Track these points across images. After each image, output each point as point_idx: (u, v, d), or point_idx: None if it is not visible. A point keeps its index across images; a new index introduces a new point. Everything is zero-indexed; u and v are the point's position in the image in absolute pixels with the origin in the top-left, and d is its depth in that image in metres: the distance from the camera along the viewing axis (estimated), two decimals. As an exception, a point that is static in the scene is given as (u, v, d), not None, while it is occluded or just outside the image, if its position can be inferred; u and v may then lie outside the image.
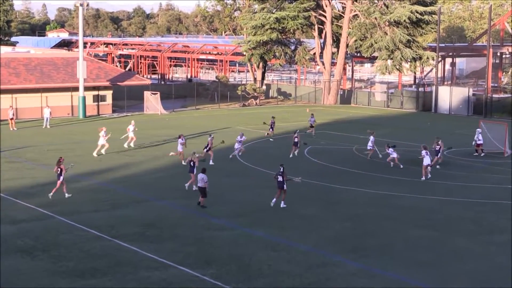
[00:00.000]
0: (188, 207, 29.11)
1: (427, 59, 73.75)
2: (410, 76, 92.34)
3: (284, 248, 23.77)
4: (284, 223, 26.88)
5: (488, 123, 47.20)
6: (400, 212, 28.84)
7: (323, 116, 62.35)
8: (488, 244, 24.50)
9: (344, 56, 77.21)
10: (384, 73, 75.01)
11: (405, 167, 38.51)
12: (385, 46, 71.56)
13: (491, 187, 34.14)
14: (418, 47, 73.38)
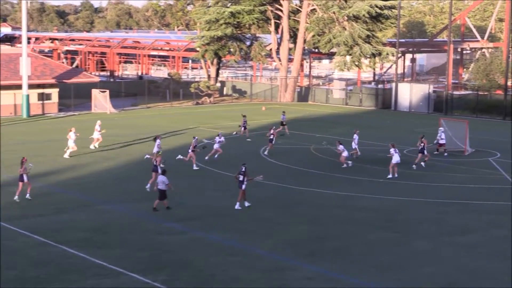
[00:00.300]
0: (139, 211, 28.85)
1: (386, 55, 74.43)
2: (370, 73, 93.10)
3: (240, 252, 23.69)
4: (240, 227, 26.80)
5: (448, 121, 47.77)
6: (360, 213, 28.98)
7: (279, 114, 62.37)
8: (450, 245, 24.75)
9: (301, 52, 77.47)
10: (343, 69, 75.46)
11: (364, 167, 38.75)
12: (344, 41, 71.98)
13: (453, 186, 34.54)
14: (377, 42, 73.99)
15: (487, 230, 26.77)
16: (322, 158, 41.14)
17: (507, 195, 32.62)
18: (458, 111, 65.84)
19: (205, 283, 20.81)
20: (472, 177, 36.73)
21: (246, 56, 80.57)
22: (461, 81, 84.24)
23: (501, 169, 38.66)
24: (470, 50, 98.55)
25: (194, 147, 37.77)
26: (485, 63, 72.53)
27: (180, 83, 77.87)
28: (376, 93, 72.63)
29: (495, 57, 73.37)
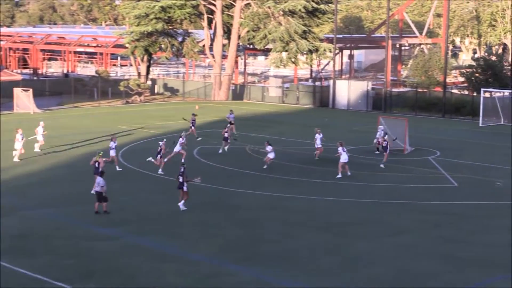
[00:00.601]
0: (67, 216, 28.50)
1: (324, 51, 75.10)
2: (306, 70, 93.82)
3: (173, 258, 23.62)
4: (174, 231, 26.72)
5: (387, 119, 48.47)
6: (297, 215, 29.18)
7: (213, 113, 62.51)
8: (390, 246, 25.14)
9: (235, 48, 77.55)
10: (279, 66, 75.84)
11: (301, 167, 39.04)
12: (280, 37, 72.35)
13: (392, 186, 35.07)
14: (314, 38, 74.60)
15: (427, 230, 27.28)
16: (258, 158, 41.29)
17: (447, 194, 33.31)
18: (397, 108, 66.89)
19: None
20: (412, 176, 37.36)
21: (178, 53, 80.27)
22: (400, 78, 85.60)
23: (441, 168, 39.43)
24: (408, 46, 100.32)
25: (160, 152, 37.27)
26: (424, 59, 73.86)
27: (108, 81, 77.09)
28: (314, 90, 73.22)
29: (434, 53, 74.77)
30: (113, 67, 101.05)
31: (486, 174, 38.14)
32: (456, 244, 25.47)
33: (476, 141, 49.72)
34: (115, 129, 52.27)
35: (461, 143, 48.90)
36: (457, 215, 29.58)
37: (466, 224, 28.19)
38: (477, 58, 74.01)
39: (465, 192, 33.86)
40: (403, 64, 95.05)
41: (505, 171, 38.87)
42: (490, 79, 65.71)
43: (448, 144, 47.45)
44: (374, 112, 65.73)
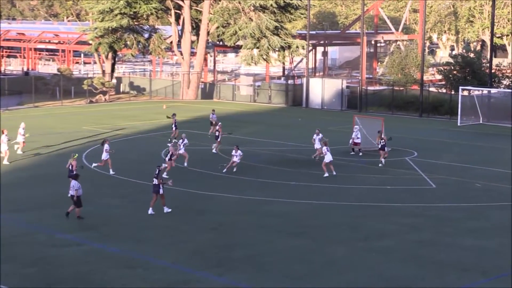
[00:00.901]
0: (29, 222, 28.27)
1: (296, 48, 75.27)
2: (279, 67, 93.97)
3: (141, 264, 23.53)
4: (141, 236, 26.62)
5: (363, 118, 48.70)
6: (271, 219, 29.21)
7: (182, 113, 62.32)
8: (366, 251, 25.24)
9: (205, 45, 77.46)
10: (250, 63, 75.89)
11: (274, 168, 39.08)
12: (251, 33, 72.39)
13: (368, 188, 35.22)
14: (286, 34, 74.74)
15: (404, 234, 27.42)
16: (229, 160, 41.23)
17: (425, 196, 33.53)
18: (373, 107, 67.23)
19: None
20: (389, 178, 37.54)
21: (145, 50, 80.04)
22: (376, 76, 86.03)
23: (419, 169, 39.67)
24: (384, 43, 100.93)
25: (171, 156, 37.04)
26: (400, 56, 74.27)
27: (71, 80, 76.61)
28: (286, 89, 73.37)
29: (410, 50, 75.21)
30: (76, 65, 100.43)
31: (465, 175, 38.44)
32: (435, 247, 25.63)
33: (454, 141, 50.10)
34: (79, 129, 52.02)
35: (439, 143, 49.25)
36: (435, 217, 29.78)
37: (445, 227, 28.38)
38: (455, 55, 74.49)
39: (444, 194, 34.10)
40: (378, 61, 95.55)
41: (484, 172, 39.23)
42: (468, 76, 66.25)
43: (425, 144, 47.76)
44: (349, 111, 66.02)
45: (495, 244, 26.13)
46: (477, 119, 59.97)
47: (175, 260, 23.98)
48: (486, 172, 39.32)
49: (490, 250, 25.42)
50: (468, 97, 62.50)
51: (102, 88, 72.94)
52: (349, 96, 69.63)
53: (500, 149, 47.18)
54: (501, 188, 35.40)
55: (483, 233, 27.50)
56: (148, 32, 79.10)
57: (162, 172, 30.49)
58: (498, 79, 66.98)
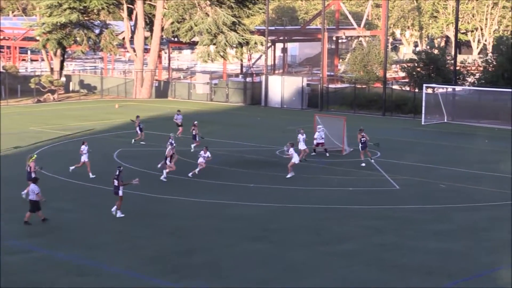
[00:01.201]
0: (-28, 228, 27.99)
1: (255, 44, 75.44)
2: (237, 65, 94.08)
3: (92, 271, 23.43)
4: (94, 242, 26.51)
5: (324, 117, 48.97)
6: (230, 223, 29.27)
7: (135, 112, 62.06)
8: (328, 255, 25.41)
9: (159, 41, 77.28)
10: (206, 61, 75.90)
11: (234, 170, 39.17)
12: (207, 29, 72.38)
13: (330, 190, 35.44)
14: (244, 30, 74.86)
15: (366, 237, 27.64)
16: (186, 162, 41.24)
17: (389, 198, 33.85)
18: (335, 106, 67.63)
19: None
20: (351, 179, 37.80)
21: (95, 47, 79.64)
22: (337, 73, 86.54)
23: (382, 169, 40.01)
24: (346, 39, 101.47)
25: (171, 156, 36.80)
26: (362, 53, 74.89)
27: (17, 78, 75.98)
28: (244, 87, 73.48)
29: (373, 47, 75.87)
30: (22, 62, 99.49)
31: (429, 175, 38.87)
32: (399, 250, 25.90)
33: (418, 141, 50.62)
34: (26, 130, 51.60)
35: (402, 143, 49.72)
36: (399, 220, 30.07)
37: (409, 229, 28.68)
38: (418, 51, 75.31)
39: (407, 195, 34.44)
40: (340, 58, 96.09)
41: (449, 172, 39.70)
42: (432, 74, 66.93)
43: (389, 144, 48.16)
44: (310, 110, 66.35)
45: (460, 246, 26.48)
46: (441, 117, 60.66)
47: (129, 267, 23.92)
48: (451, 172, 39.81)
49: (455, 252, 25.75)
50: (432, 95, 63.14)
51: (50, 87, 72.35)
52: (310, 95, 69.95)
53: (465, 148, 47.84)
54: (466, 188, 35.88)
55: (447, 236, 27.84)
56: (99, 28, 78.65)
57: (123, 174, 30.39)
58: (463, 76, 67.76)
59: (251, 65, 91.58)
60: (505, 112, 58.87)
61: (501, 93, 59.68)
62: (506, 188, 35.61)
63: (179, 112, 50.80)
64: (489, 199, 33.58)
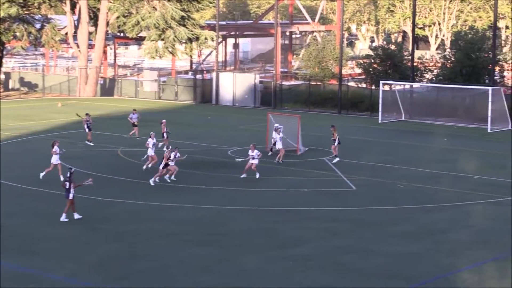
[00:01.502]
0: None
1: (205, 39, 75.30)
2: (186, 61, 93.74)
3: (33, 279, 23.12)
4: (35, 248, 26.18)
5: (278, 116, 48.96)
6: (178, 227, 29.10)
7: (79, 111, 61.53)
8: (281, 259, 25.36)
9: (104, 36, 76.71)
10: (154, 57, 75.57)
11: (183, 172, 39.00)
12: (154, 24, 72.04)
13: (284, 191, 35.46)
14: (194, 25, 74.66)
15: (322, 240, 27.69)
16: (133, 163, 40.97)
17: (345, 199, 33.97)
18: (289, 104, 67.73)
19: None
20: (307, 180, 37.86)
21: (36, 42, 78.66)
22: (291, 70, 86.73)
23: (338, 170, 40.14)
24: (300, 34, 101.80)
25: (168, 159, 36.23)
26: (317, 49, 75.04)
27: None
28: (194, 84, 73.27)
29: (328, 42, 76.05)
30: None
31: (387, 175, 39.10)
32: (356, 254, 25.97)
33: (375, 139, 50.93)
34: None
35: (359, 142, 49.94)
36: (356, 221, 30.18)
37: (367, 231, 28.79)
38: (375, 47, 75.70)
39: (365, 196, 34.60)
40: (294, 54, 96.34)
41: (407, 172, 39.97)
42: (389, 70, 67.38)
43: (345, 143, 48.22)
44: (263, 108, 66.38)
45: (418, 249, 26.63)
46: (399, 115, 61.10)
47: (72, 274, 23.64)
48: (409, 172, 40.08)
49: (414, 255, 25.89)
50: (390, 92, 63.61)
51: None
52: (263, 92, 70.01)
53: (423, 147, 48.23)
54: (424, 189, 36.16)
55: (406, 238, 28.00)
56: (40, 23, 77.64)
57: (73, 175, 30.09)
58: (421, 72, 68.27)
59: (201, 61, 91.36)
60: (464, 109, 59.58)
61: (459, 90, 60.38)
62: (464, 188, 35.99)
63: (134, 111, 50.28)
64: (448, 200, 33.88)
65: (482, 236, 28.30)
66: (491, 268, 24.75)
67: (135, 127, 49.00)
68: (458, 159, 43.93)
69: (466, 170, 40.32)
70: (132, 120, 49.42)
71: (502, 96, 57.21)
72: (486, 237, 28.17)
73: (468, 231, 28.94)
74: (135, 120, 49.40)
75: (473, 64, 62.79)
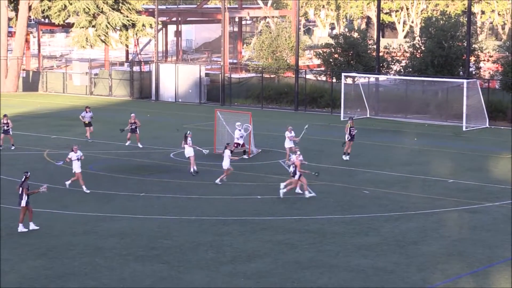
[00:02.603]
0: None
1: (142, 26, 75.18)
2: (121, 51, 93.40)
3: None
4: None
5: (227, 113, 48.98)
6: (114, 240, 28.96)
7: None
8: (235, 276, 25.39)
9: (26, 23, 76.12)
10: (85, 46, 75.20)
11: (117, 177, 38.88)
12: (84, 9, 71.70)
13: (235, 199, 35.48)
14: (130, 10, 74.52)
15: (279, 254, 27.75)
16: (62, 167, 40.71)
17: (304, 207, 34.07)
18: (239, 100, 67.82)
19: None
20: (260, 185, 37.93)
21: None
22: (241, 61, 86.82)
23: (295, 173, 40.26)
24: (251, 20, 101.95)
25: None
26: (270, 37, 75.16)
27: None
28: (131, 78, 72.95)
29: (283, 29, 76.19)
30: None
31: (351, 180, 39.32)
32: (317, 269, 26.07)
33: (337, 139, 51.05)
34: None
35: (319, 142, 50.09)
36: (317, 233, 30.29)
37: (329, 244, 28.91)
38: (335, 35, 76.06)
39: (326, 204, 34.74)
40: (244, 43, 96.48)
41: (373, 176, 40.26)
42: (352, 61, 67.71)
43: (303, 143, 48.43)
44: (210, 104, 66.42)
45: (386, 263, 26.82)
46: (363, 112, 61.42)
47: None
48: (375, 176, 40.38)
49: (381, 270, 26.07)
50: (353, 86, 63.90)
51: None
52: (210, 86, 69.98)
53: (391, 148, 48.60)
54: (392, 195, 36.43)
55: (372, 250, 28.17)
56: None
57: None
58: (387, 64, 68.61)
59: (138, 51, 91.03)
60: (436, 105, 60.05)
61: (430, 83, 60.85)
62: (437, 194, 36.34)
63: (88, 109, 49.84)
64: (419, 207, 34.18)
65: (457, 247, 28.58)
66: (468, 283, 25.03)
67: (88, 127, 48.76)
68: (429, 161, 44.36)
69: (438, 173, 40.70)
70: (84, 120, 49.08)
71: (478, 90, 57.77)
72: (461, 248, 28.46)
73: (441, 242, 29.21)
74: (88, 119, 49.04)
75: (446, 54, 63.32)
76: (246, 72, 77.03)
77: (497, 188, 37.85)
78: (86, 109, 50.05)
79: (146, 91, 71.91)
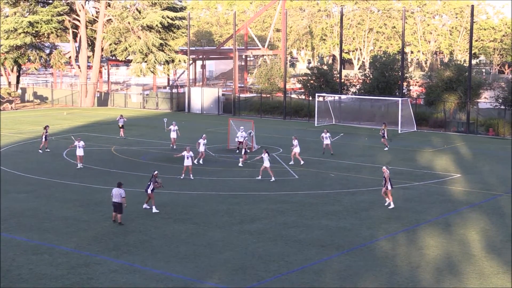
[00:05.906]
0: None
1: (179, 61, 75.04)
2: (164, 78, 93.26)
3: (45, 250, 22.84)
4: (45, 226, 25.85)
5: (236, 121, 48.94)
6: (159, 208, 28.90)
7: (81, 118, 61.04)
8: (241, 233, 25.37)
9: (99, 59, 76.04)
10: (139, 75, 75.09)
11: (161, 165, 38.78)
12: (139, 49, 71.61)
13: (242, 180, 35.42)
14: (170, 50, 74.37)
15: (272, 217, 27.71)
16: (124, 158, 40.65)
17: (290, 185, 34.00)
18: (245, 112, 67.70)
19: (12, 282, 19.86)
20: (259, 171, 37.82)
21: (46, 64, 77.68)
22: (246, 85, 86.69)
23: (284, 162, 40.20)
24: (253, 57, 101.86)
25: None
26: (267, 68, 75.02)
27: (-20, 90, 73.51)
28: (171, 97, 72.87)
29: (275, 63, 76.14)
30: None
31: (321, 167, 39.25)
32: (298, 228, 26.04)
33: (312, 139, 50.99)
34: None
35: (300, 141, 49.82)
36: (298, 203, 30.24)
37: (306, 210, 28.87)
38: (311, 67, 75.77)
39: (305, 183, 34.68)
40: (248, 72, 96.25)
41: (336, 164, 40.16)
42: (322, 85, 67.55)
43: (289, 142, 48.34)
44: (225, 115, 66.26)
45: (346, 223, 26.79)
46: (330, 120, 61.36)
47: (76, 246, 23.42)
48: (338, 164, 40.29)
49: (343, 228, 26.04)
50: (323, 102, 63.81)
51: (8, 98, 70.42)
52: (225, 102, 69.87)
53: (349, 145, 48.45)
54: (350, 177, 36.35)
55: (336, 215, 28.13)
56: (49, 48, 76.82)
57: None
58: (347, 87, 68.50)
59: (176, 79, 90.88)
60: (380, 115, 60.02)
61: (376, 100, 60.81)
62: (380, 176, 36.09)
63: (121, 116, 49.69)
64: (368, 185, 34.11)
65: (394, 213, 28.54)
66: (402, 237, 24.98)
67: (122, 129, 48.88)
68: (375, 154, 44.27)
69: (381, 162, 40.61)
70: (119, 123, 49.20)
71: (409, 105, 57.82)
72: (397, 214, 28.42)
73: (384, 209, 29.17)
74: (122, 123, 49.16)
75: (387, 80, 63.16)
76: (250, 93, 76.81)
77: (422, 172, 37.77)
78: (120, 116, 50.04)
79: (181, 105, 71.78)
